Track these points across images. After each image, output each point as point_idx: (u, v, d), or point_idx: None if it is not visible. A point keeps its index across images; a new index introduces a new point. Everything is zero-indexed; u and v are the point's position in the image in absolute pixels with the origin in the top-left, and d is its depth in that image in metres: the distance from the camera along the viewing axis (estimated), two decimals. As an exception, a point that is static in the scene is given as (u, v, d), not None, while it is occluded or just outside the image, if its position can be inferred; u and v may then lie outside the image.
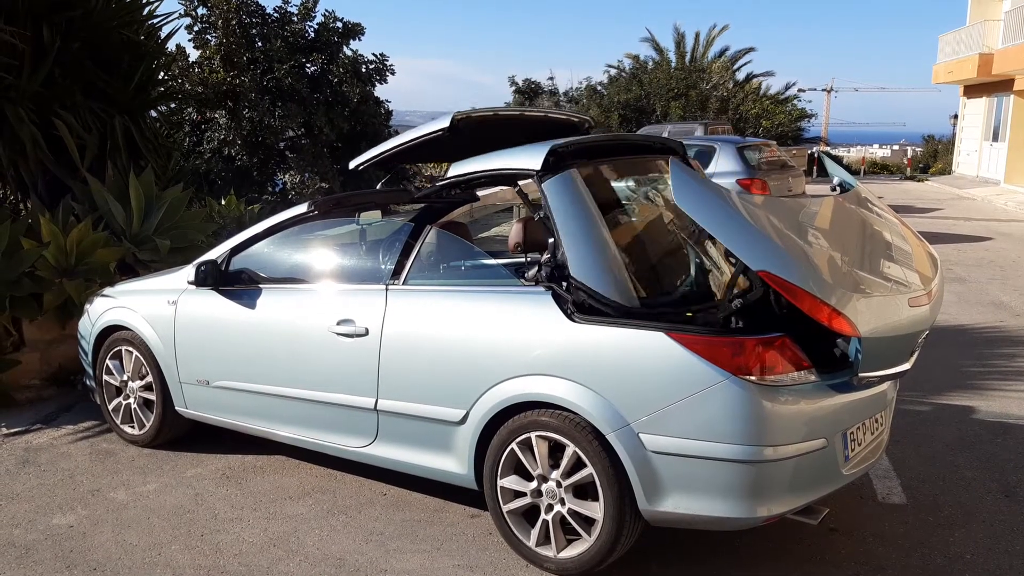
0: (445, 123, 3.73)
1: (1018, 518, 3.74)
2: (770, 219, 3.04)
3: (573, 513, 3.21)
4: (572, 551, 3.22)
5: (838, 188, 3.89)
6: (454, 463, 3.52)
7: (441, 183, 3.78)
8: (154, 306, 4.52)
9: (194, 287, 4.32)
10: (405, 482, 4.07)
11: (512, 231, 3.43)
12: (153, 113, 7.85)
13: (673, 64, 30.88)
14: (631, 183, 4.03)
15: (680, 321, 3.02)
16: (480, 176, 3.60)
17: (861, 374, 3.08)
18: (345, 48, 18.89)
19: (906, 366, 3.33)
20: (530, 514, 3.35)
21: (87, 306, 5.04)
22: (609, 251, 3.17)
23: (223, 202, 9.04)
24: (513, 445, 3.30)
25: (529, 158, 3.38)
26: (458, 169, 3.65)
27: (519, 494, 3.34)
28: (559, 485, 3.22)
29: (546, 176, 3.31)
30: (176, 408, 4.54)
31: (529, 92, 30.72)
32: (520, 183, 3.49)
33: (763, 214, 3.07)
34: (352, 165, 4.19)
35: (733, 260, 3.10)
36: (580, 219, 3.21)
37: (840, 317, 2.84)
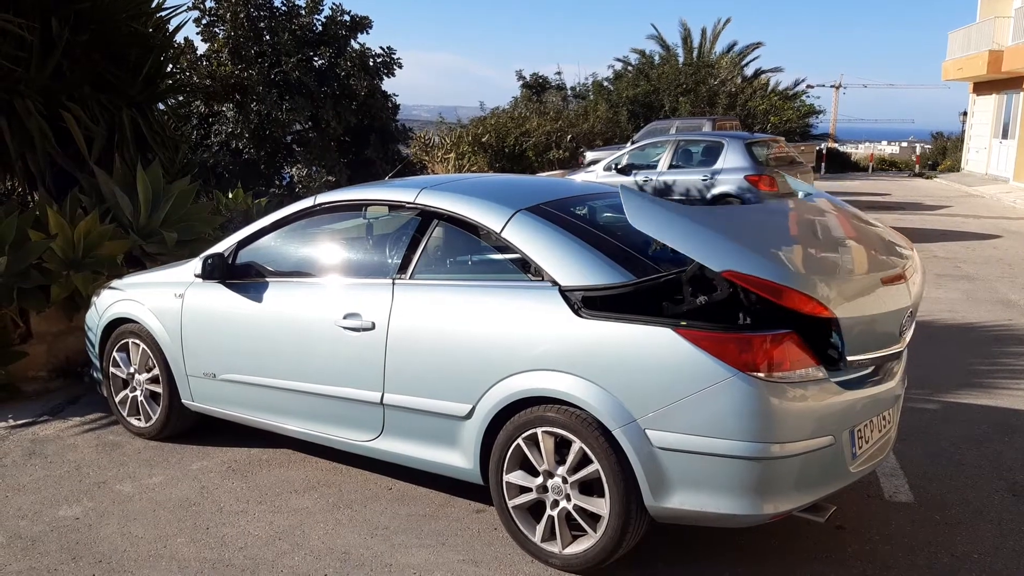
0: (410, 196, 3.87)
1: (1026, 517, 3.72)
2: (726, 223, 3.18)
3: (579, 509, 3.20)
4: (577, 547, 3.22)
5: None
6: (460, 458, 3.52)
7: (409, 204, 3.88)
8: (161, 299, 4.52)
9: (201, 280, 4.32)
10: (410, 476, 4.07)
11: None
12: (161, 106, 7.85)
13: (681, 59, 30.79)
14: None
15: (687, 317, 3.01)
16: (443, 212, 3.74)
17: (850, 358, 3.07)
18: (353, 42, 18.89)
19: (898, 347, 3.36)
20: (535, 510, 3.35)
21: (94, 298, 5.05)
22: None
23: (230, 195, 9.06)
24: (519, 440, 3.29)
25: (491, 215, 3.56)
26: (427, 199, 3.80)
27: (524, 489, 3.34)
28: (565, 481, 3.21)
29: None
30: (182, 401, 4.55)
31: (536, 86, 30.67)
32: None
33: (718, 220, 3.20)
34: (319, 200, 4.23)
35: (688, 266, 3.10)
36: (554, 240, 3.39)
37: (812, 301, 2.88)
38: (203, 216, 6.83)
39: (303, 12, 18.15)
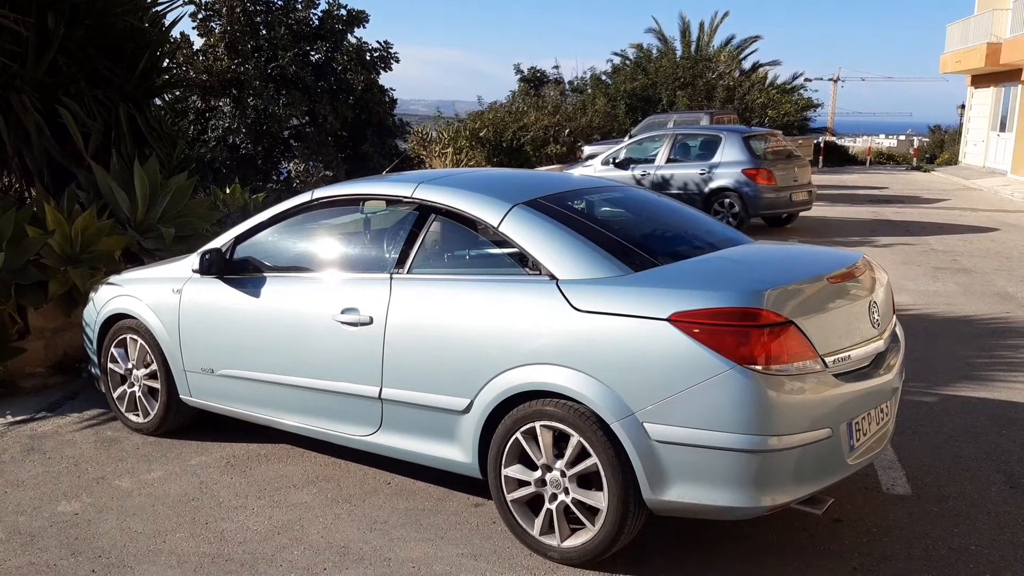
0: (408, 191, 3.88)
1: (1023, 509, 3.73)
2: (661, 279, 3.26)
3: (577, 503, 3.21)
4: (576, 540, 3.22)
5: None
6: (458, 452, 3.52)
7: (406, 199, 3.89)
8: (158, 294, 4.52)
9: (198, 276, 4.32)
10: (409, 471, 4.08)
11: None
12: (158, 101, 7.83)
13: (679, 53, 30.73)
14: None
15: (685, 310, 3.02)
16: (440, 207, 3.75)
17: (822, 355, 3.06)
18: (349, 36, 18.85)
19: (877, 338, 3.37)
20: (534, 503, 3.36)
21: (92, 294, 5.04)
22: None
23: (227, 190, 9.06)
24: (517, 434, 3.30)
25: (488, 210, 3.58)
26: (424, 194, 3.81)
27: (523, 483, 3.34)
28: (563, 474, 3.22)
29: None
30: (180, 396, 4.55)
31: (534, 81, 30.60)
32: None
33: (653, 279, 3.28)
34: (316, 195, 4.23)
35: None
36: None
37: (762, 311, 2.92)
38: (200, 211, 6.83)
39: (299, 6, 18.10)
